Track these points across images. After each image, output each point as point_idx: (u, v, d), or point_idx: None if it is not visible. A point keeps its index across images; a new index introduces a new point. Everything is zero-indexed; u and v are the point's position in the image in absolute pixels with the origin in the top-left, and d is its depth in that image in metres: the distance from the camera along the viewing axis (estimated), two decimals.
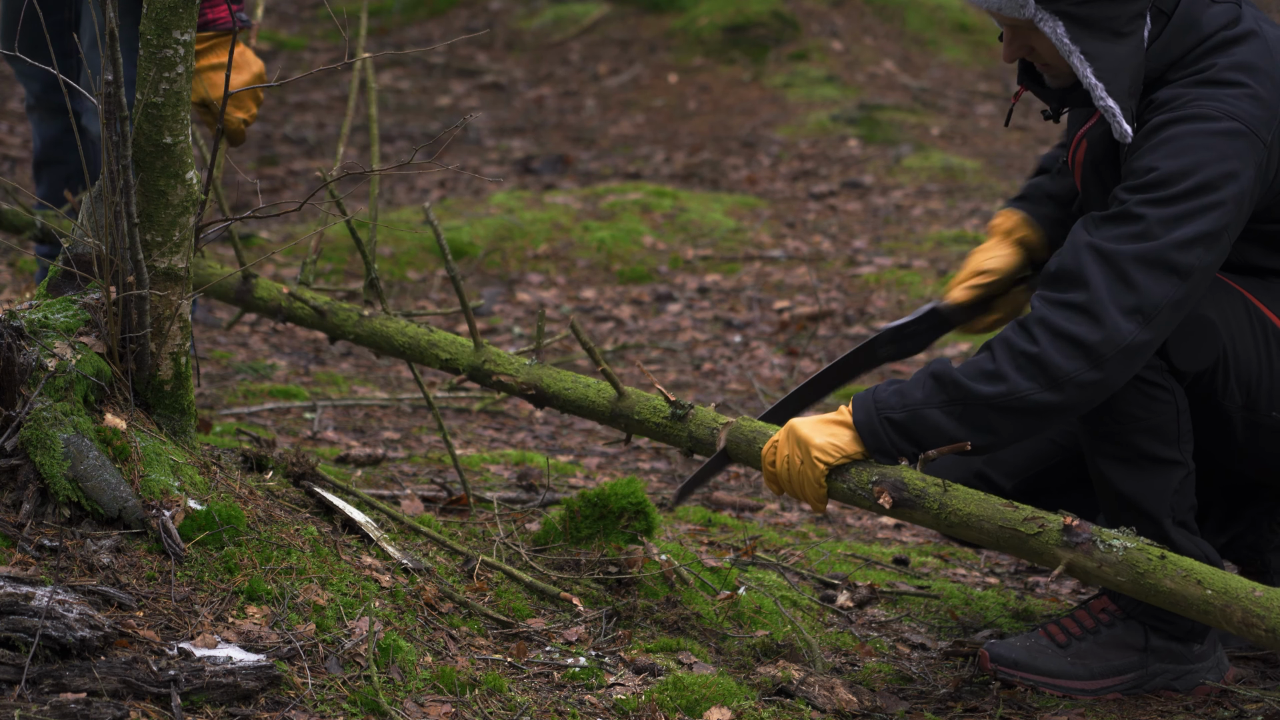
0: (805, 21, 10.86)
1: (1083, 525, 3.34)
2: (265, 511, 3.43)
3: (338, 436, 5.18)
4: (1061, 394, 3.36)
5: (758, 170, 8.91)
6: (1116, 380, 3.38)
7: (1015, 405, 3.37)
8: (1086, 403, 3.40)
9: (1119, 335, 3.34)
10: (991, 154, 9.29)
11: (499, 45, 11.24)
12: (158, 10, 3.22)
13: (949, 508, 3.45)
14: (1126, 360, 3.36)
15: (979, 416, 3.39)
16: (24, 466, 3.20)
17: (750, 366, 6.35)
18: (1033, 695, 3.68)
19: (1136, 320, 3.34)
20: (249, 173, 8.81)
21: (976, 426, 3.40)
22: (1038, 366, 3.36)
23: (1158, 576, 3.28)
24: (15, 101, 9.67)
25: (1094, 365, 3.35)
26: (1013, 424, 3.40)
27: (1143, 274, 3.35)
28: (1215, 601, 3.23)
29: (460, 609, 3.56)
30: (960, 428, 3.40)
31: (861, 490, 3.50)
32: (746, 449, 3.64)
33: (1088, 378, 3.35)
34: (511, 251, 7.37)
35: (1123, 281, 3.35)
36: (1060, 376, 3.35)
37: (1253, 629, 3.19)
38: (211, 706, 3.01)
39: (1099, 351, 3.35)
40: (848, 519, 4.90)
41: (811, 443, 3.47)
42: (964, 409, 3.40)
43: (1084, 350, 3.35)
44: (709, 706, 3.41)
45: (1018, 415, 3.39)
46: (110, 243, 3.25)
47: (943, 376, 3.42)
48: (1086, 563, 3.34)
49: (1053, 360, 3.35)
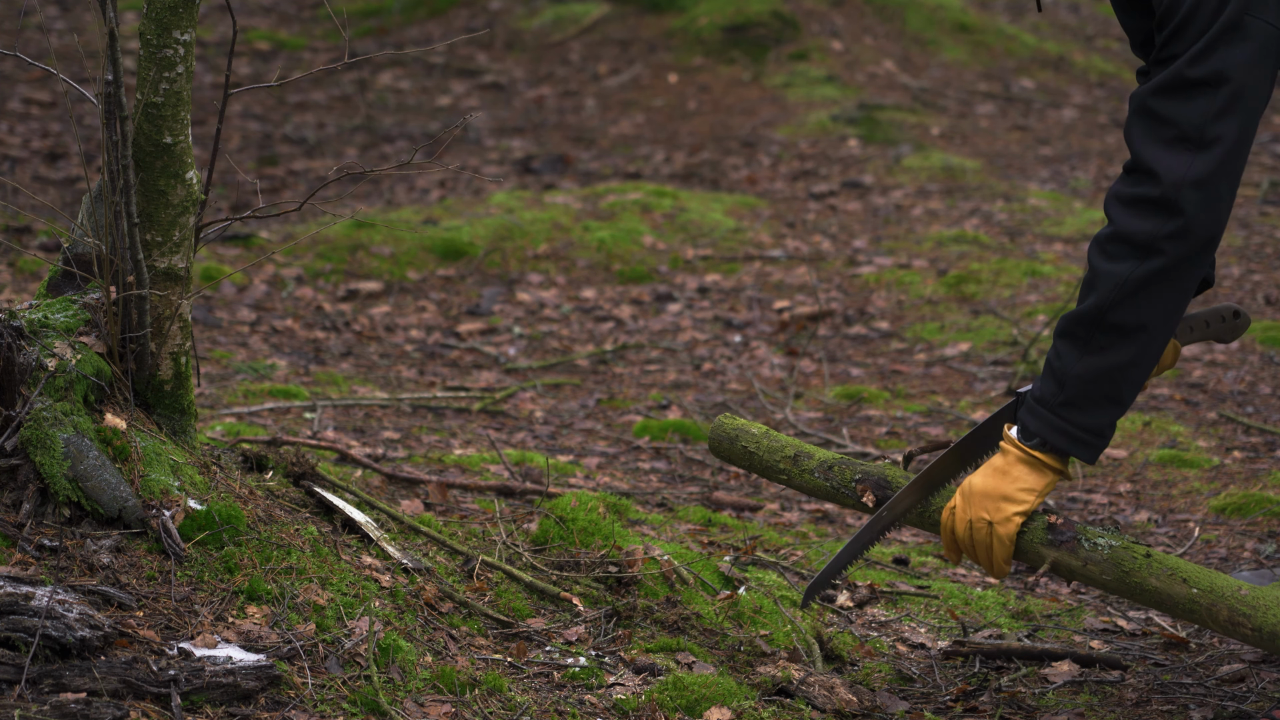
0: (805, 21, 10.85)
1: (1068, 523, 3.32)
2: (265, 511, 3.43)
3: (337, 436, 5.18)
4: (1160, 256, 3.22)
5: (758, 170, 8.91)
6: (1205, 217, 3.21)
7: (1131, 290, 3.23)
8: (1189, 252, 3.22)
9: (1174, 172, 3.19)
10: (991, 154, 9.28)
11: (499, 45, 11.24)
12: (158, 10, 3.22)
13: (933, 505, 3.45)
14: (1200, 193, 3.19)
15: (1114, 325, 3.25)
16: (24, 466, 3.20)
17: (750, 366, 6.35)
18: (1033, 695, 3.68)
19: (1186, 149, 3.19)
20: (249, 173, 8.81)
21: (1123, 334, 3.25)
22: (1123, 244, 3.23)
23: (1143, 575, 3.26)
24: (15, 101, 9.67)
25: (1170, 213, 3.20)
26: (1147, 308, 3.24)
27: (1167, 102, 3.21)
28: (1201, 600, 3.21)
29: (460, 609, 3.56)
30: (1117, 349, 3.26)
31: (845, 489, 3.48)
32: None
33: (1171, 228, 3.20)
34: (511, 251, 7.37)
35: (1154, 120, 3.21)
36: (1145, 240, 3.22)
37: (1239, 628, 3.18)
38: (211, 706, 3.01)
39: (1166, 197, 3.20)
40: (848, 519, 4.90)
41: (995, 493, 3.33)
42: (1099, 331, 3.25)
43: (1153, 205, 3.21)
44: (709, 706, 3.41)
45: (1140, 298, 3.23)
46: (110, 243, 3.25)
47: (1063, 327, 3.29)
48: (1071, 561, 3.32)
49: (1130, 228, 3.23)
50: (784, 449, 3.67)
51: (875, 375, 6.25)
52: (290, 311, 6.68)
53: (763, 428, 3.72)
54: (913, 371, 6.26)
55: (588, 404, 5.88)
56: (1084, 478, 5.17)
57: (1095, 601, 4.30)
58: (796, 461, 3.64)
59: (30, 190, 5.75)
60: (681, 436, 5.51)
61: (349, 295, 6.91)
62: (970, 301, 6.88)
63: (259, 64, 10.82)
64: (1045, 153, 9.44)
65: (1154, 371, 3.50)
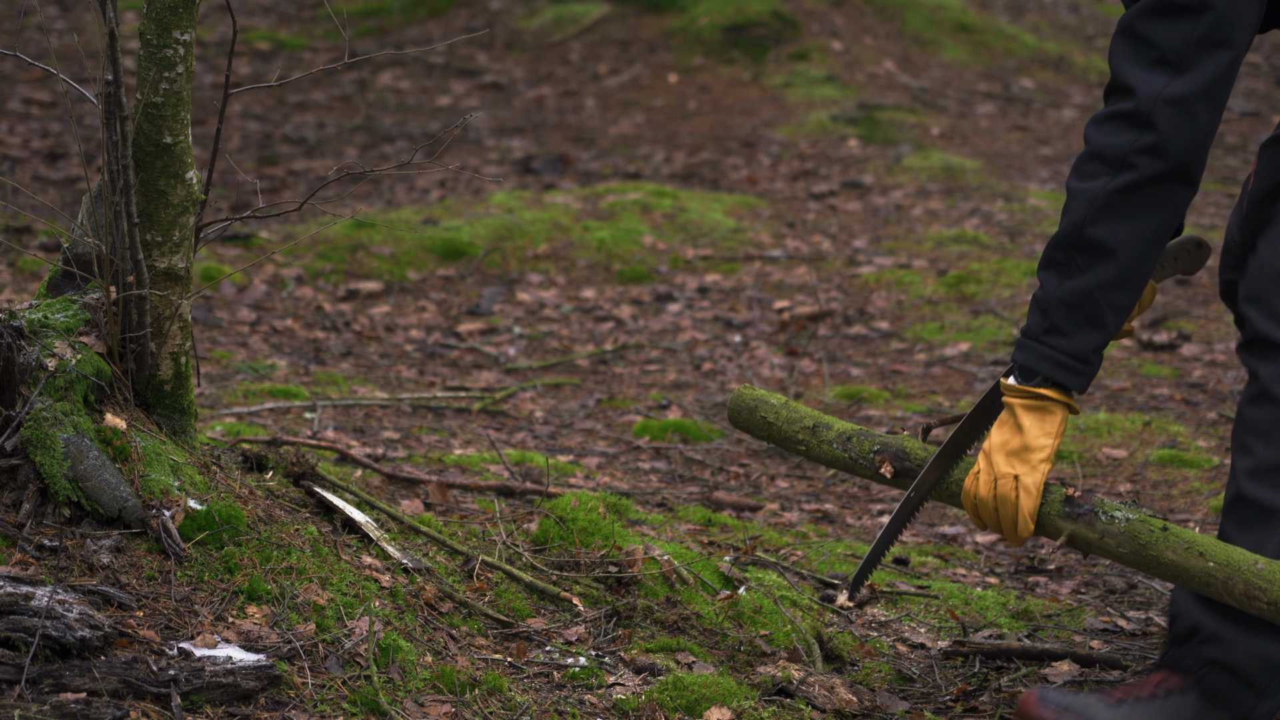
0: (805, 21, 10.85)
1: (1085, 496, 3.31)
2: (265, 511, 3.43)
3: (337, 436, 5.18)
4: (1133, 170, 3.22)
5: (758, 170, 8.91)
6: (1177, 134, 3.21)
7: (1104, 203, 3.23)
8: (1162, 169, 3.23)
9: (1150, 88, 3.20)
10: (991, 154, 9.29)
11: (499, 45, 11.24)
12: (158, 10, 3.22)
13: (950, 477, 3.43)
14: (1174, 111, 3.20)
15: (1091, 242, 3.26)
16: (24, 466, 3.20)
17: (750, 366, 6.35)
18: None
19: (1164, 70, 3.20)
20: (249, 173, 8.81)
21: (1100, 252, 3.25)
22: (1096, 160, 3.24)
23: (1160, 548, 3.25)
24: (15, 101, 9.67)
25: (1143, 128, 3.21)
26: (1122, 225, 3.25)
27: (1150, 23, 3.22)
28: (1217, 574, 3.21)
29: (460, 609, 3.56)
30: (1095, 270, 3.26)
31: (863, 460, 3.46)
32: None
33: (1144, 141, 3.21)
34: (511, 251, 7.37)
35: (1136, 40, 3.23)
36: (1118, 154, 3.23)
37: (1255, 601, 3.18)
38: (211, 706, 3.01)
39: (1139, 112, 3.21)
40: (848, 519, 4.90)
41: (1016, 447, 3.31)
42: (1077, 252, 3.27)
43: (1127, 119, 3.22)
44: (709, 706, 3.41)
45: (1115, 213, 3.24)
46: (110, 243, 3.25)
47: (1044, 258, 3.29)
48: (1088, 534, 3.31)
49: (1104, 144, 3.24)
50: (803, 420, 3.64)
51: (875, 375, 6.25)
52: (290, 311, 6.68)
53: (782, 398, 3.70)
54: (913, 371, 6.26)
55: (588, 404, 5.88)
56: (1084, 478, 5.17)
57: (1095, 601, 4.30)
58: (815, 432, 3.61)
59: (30, 190, 5.76)
60: (681, 436, 5.51)
61: (349, 295, 6.91)
62: (970, 301, 6.88)
63: (259, 64, 10.82)
64: (1045, 153, 9.44)
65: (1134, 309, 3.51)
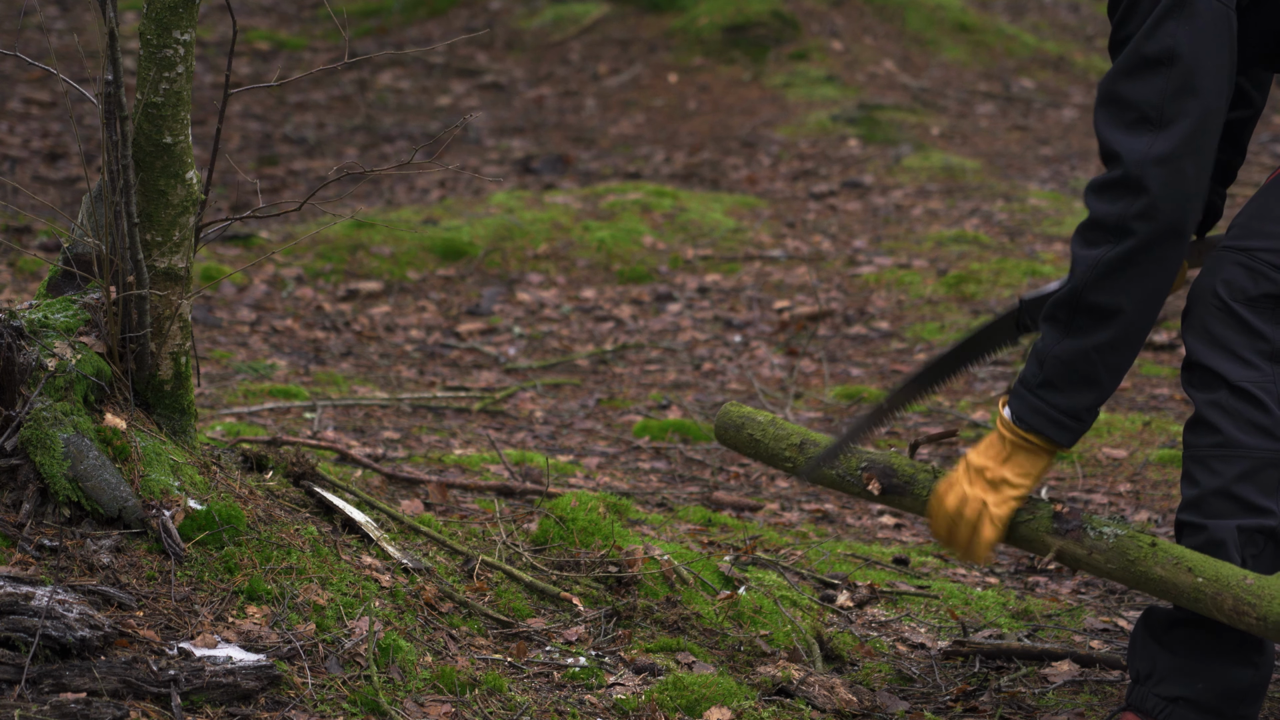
0: (805, 21, 10.86)
1: (1073, 512, 3.32)
2: (265, 511, 3.43)
3: (337, 436, 5.19)
4: (1131, 236, 3.24)
5: (758, 170, 8.91)
6: (1168, 194, 3.23)
7: (1104, 271, 3.25)
8: (1159, 231, 3.25)
9: (1136, 151, 3.22)
10: (991, 154, 9.29)
11: (499, 45, 11.24)
12: (158, 10, 3.22)
13: (920, 484, 3.43)
14: (1163, 169, 3.22)
15: (1090, 306, 3.28)
16: (24, 466, 3.20)
17: (750, 366, 6.35)
18: (1033, 695, 3.68)
19: (1146, 129, 3.23)
20: (249, 173, 8.81)
21: (1100, 316, 3.28)
22: (1097, 229, 3.27)
23: (1148, 564, 3.25)
24: (15, 101, 9.67)
25: (1136, 192, 3.23)
26: (1122, 289, 3.27)
27: (1125, 84, 3.25)
28: (1206, 589, 3.21)
29: (460, 609, 3.56)
30: (1094, 333, 3.28)
31: (850, 477, 3.47)
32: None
33: (1138, 206, 3.23)
34: (511, 251, 7.37)
35: (1116, 105, 3.26)
36: (1116, 222, 3.25)
37: (1243, 617, 3.18)
38: (211, 706, 3.01)
39: (1130, 176, 3.23)
40: (848, 519, 4.90)
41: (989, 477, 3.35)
42: (1076, 314, 3.28)
43: (1119, 186, 3.24)
44: (709, 706, 3.41)
45: (1115, 279, 3.26)
46: (110, 243, 3.25)
47: (1046, 312, 3.31)
48: (1076, 550, 3.32)
49: (1101, 213, 3.26)
50: (789, 437, 3.64)
51: (875, 375, 6.26)
52: (290, 311, 6.68)
53: (769, 415, 3.70)
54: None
55: (588, 404, 5.88)
56: (1084, 478, 5.17)
57: (1095, 602, 4.30)
58: (802, 449, 3.61)
59: (30, 190, 5.76)
60: (681, 436, 5.51)
61: (349, 295, 6.91)
62: (970, 301, 6.88)
63: (259, 64, 10.82)
64: (1045, 152, 9.44)
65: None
